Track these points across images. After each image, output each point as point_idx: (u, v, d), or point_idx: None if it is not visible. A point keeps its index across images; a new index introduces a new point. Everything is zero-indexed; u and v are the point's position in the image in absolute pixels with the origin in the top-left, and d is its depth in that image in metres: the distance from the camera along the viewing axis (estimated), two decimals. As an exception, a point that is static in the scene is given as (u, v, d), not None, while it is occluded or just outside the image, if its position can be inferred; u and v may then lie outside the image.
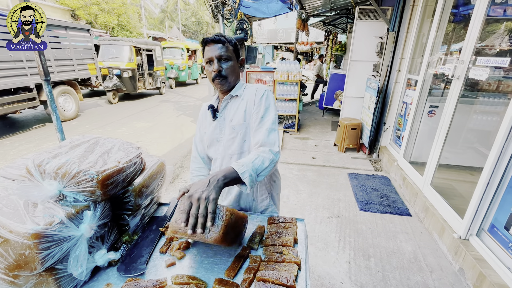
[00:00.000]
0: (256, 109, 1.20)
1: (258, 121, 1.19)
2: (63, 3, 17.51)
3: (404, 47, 3.95)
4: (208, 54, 1.19)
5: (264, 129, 1.16)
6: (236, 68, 1.25)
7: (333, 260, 2.31)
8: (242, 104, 1.25)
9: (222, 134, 1.29)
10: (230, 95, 1.27)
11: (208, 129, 1.34)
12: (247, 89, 1.28)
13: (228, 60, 1.20)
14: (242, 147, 1.26)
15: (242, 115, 1.23)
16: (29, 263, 0.73)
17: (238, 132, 1.24)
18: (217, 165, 1.32)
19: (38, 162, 0.86)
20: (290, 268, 0.89)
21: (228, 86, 1.24)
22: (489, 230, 2.10)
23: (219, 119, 1.30)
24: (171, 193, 3.34)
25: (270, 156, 1.08)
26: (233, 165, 0.98)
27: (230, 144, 1.26)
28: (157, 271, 0.93)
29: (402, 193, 3.43)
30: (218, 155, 1.31)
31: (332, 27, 11.24)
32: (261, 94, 1.22)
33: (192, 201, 0.82)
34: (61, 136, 2.51)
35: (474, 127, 3.25)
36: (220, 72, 1.19)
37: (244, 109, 1.23)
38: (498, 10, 2.47)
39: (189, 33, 34.44)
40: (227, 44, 1.20)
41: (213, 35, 1.21)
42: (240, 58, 1.28)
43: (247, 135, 1.24)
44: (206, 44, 1.20)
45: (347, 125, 4.69)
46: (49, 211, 0.79)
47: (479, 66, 2.29)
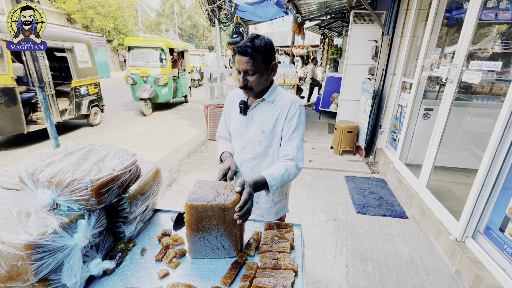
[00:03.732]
0: (288, 122, 1.27)
1: (289, 134, 1.27)
2: (58, 7, 17.46)
3: (399, 50, 4.00)
4: (237, 64, 1.22)
5: (294, 145, 1.25)
6: (263, 78, 1.24)
7: (330, 264, 2.30)
8: (274, 111, 1.29)
9: (247, 131, 1.35)
10: (262, 98, 1.30)
11: (234, 120, 1.42)
12: (281, 97, 1.31)
13: (254, 73, 1.20)
14: (267, 151, 1.33)
15: (273, 123, 1.28)
16: (22, 274, 0.72)
17: (267, 137, 1.30)
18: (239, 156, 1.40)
19: (32, 170, 0.85)
20: (287, 275, 0.89)
21: (254, 95, 1.29)
22: (485, 232, 2.11)
23: (247, 116, 1.34)
24: (167, 198, 3.31)
25: (296, 172, 1.24)
26: (265, 176, 1.13)
27: (257, 145, 1.33)
28: (152, 279, 0.92)
29: (398, 196, 3.44)
30: (240, 148, 1.39)
31: (327, 31, 11.33)
32: (295, 110, 1.27)
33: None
34: (55, 143, 2.49)
35: (468, 129, 3.28)
36: (246, 85, 1.23)
37: (276, 117, 1.28)
38: (489, 14, 2.51)
39: (186, 36, 34.51)
40: (256, 55, 1.16)
41: (245, 41, 1.17)
42: (272, 63, 1.25)
43: (274, 142, 1.31)
44: (236, 53, 1.20)
45: (343, 128, 4.72)
46: (43, 221, 0.78)
47: (472, 69, 2.33)
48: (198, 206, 0.93)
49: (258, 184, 1.09)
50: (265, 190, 1.14)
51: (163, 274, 0.92)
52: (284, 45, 20.99)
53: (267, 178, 1.12)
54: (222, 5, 5.54)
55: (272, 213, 1.46)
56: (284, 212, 1.52)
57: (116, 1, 20.00)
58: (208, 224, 0.96)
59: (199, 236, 0.97)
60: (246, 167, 1.38)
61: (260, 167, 1.35)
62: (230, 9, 5.47)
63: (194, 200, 0.94)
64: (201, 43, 34.69)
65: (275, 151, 1.32)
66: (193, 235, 0.97)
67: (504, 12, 2.44)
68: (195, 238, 0.98)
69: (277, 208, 1.46)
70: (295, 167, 1.23)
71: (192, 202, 0.93)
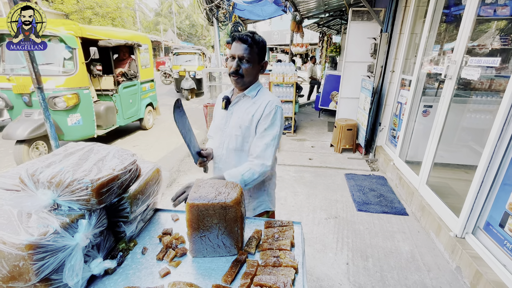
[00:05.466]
0: (263, 120, 1.28)
1: (260, 132, 1.28)
2: (56, 8, 17.41)
3: (398, 47, 3.99)
4: (233, 50, 1.25)
5: (263, 143, 1.26)
6: (255, 70, 1.30)
7: (331, 262, 2.31)
8: (252, 107, 1.32)
9: (227, 125, 1.38)
10: (243, 94, 1.34)
11: (217, 116, 1.47)
12: (261, 95, 1.34)
13: (249, 62, 1.25)
14: (243, 145, 1.35)
15: (249, 118, 1.30)
16: (23, 274, 0.72)
17: (243, 132, 1.32)
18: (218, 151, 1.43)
19: (32, 171, 0.86)
20: (287, 272, 0.89)
21: (242, 84, 1.31)
22: (485, 228, 2.12)
23: (228, 111, 1.38)
24: (168, 197, 3.32)
25: (261, 169, 1.24)
26: (225, 175, 1.20)
27: (234, 140, 1.35)
28: (153, 278, 0.92)
29: (398, 193, 3.45)
30: (220, 143, 1.42)
31: (326, 29, 11.31)
32: (271, 109, 1.28)
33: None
34: (55, 144, 2.49)
35: (468, 126, 3.28)
36: (238, 71, 1.25)
37: (252, 113, 1.30)
38: (488, 10, 2.50)
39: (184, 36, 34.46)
40: (254, 46, 1.24)
41: (245, 32, 1.24)
42: (263, 61, 1.33)
43: (250, 138, 1.33)
44: (235, 40, 1.25)
45: (343, 125, 4.72)
46: (44, 221, 0.78)
47: (471, 66, 2.33)
48: (199, 205, 0.93)
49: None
50: None
51: (164, 273, 0.92)
52: (283, 43, 20.96)
53: (225, 177, 1.19)
54: (220, 4, 5.53)
55: (250, 208, 1.47)
56: (265, 209, 1.49)
57: (114, 2, 19.95)
58: (209, 223, 0.96)
59: (200, 235, 0.98)
60: (225, 162, 1.40)
61: (237, 161, 1.36)
62: (228, 8, 5.45)
63: (195, 199, 0.95)
64: (200, 42, 34.65)
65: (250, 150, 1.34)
66: (194, 234, 0.97)
67: (503, 8, 2.44)
68: (196, 237, 0.98)
69: (255, 203, 1.46)
70: (261, 165, 1.24)
71: (193, 201, 0.94)
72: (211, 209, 0.94)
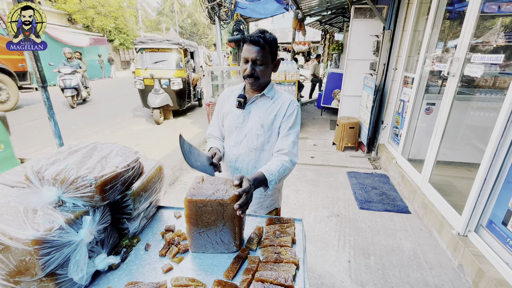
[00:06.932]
0: (286, 120, 1.31)
1: (286, 130, 1.31)
2: (59, 7, 17.49)
3: (400, 45, 3.97)
4: (245, 53, 1.23)
5: (290, 140, 1.29)
6: (269, 70, 1.30)
7: (333, 259, 2.32)
8: (273, 107, 1.33)
9: (245, 125, 1.36)
10: (262, 94, 1.33)
11: (230, 115, 1.41)
12: (279, 95, 1.36)
13: (263, 64, 1.24)
14: (264, 145, 1.35)
15: (272, 118, 1.32)
16: (30, 269, 0.74)
17: (265, 131, 1.33)
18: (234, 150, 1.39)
19: (37, 168, 0.87)
20: (288, 268, 0.90)
21: (258, 86, 1.31)
22: (487, 226, 2.11)
23: (245, 110, 1.36)
24: (171, 195, 3.34)
25: (291, 167, 1.27)
26: (264, 172, 1.14)
27: (255, 139, 1.34)
28: (156, 274, 0.94)
29: (401, 191, 3.44)
30: (236, 142, 1.38)
31: (328, 26, 11.26)
32: (293, 109, 1.33)
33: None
34: (59, 142, 2.51)
35: (471, 123, 3.26)
36: (253, 74, 1.24)
37: (275, 113, 1.32)
38: (492, 6, 2.48)
39: (187, 34, 34.46)
40: (266, 47, 1.21)
41: (256, 32, 1.22)
42: (276, 59, 1.32)
43: (271, 137, 1.34)
44: (246, 42, 1.23)
45: (345, 124, 4.70)
46: (49, 217, 0.80)
47: (474, 63, 2.31)
48: (197, 201, 0.95)
49: (257, 181, 1.10)
50: (263, 187, 1.16)
51: (167, 269, 0.94)
52: (285, 41, 20.91)
53: (266, 174, 1.14)
54: (222, 3, 5.53)
55: (264, 206, 1.48)
56: (275, 206, 1.54)
57: (117, 1, 20.00)
58: (207, 219, 0.98)
59: (198, 230, 0.99)
60: (243, 161, 1.37)
61: (256, 161, 1.36)
62: (230, 7, 5.45)
63: (193, 195, 0.96)
64: (202, 41, 34.64)
65: (272, 146, 1.35)
66: (193, 230, 0.99)
67: (507, 4, 2.41)
68: (195, 233, 1.00)
69: (268, 201, 1.48)
70: (290, 162, 1.25)
71: (191, 197, 0.95)
72: (208, 206, 0.95)
